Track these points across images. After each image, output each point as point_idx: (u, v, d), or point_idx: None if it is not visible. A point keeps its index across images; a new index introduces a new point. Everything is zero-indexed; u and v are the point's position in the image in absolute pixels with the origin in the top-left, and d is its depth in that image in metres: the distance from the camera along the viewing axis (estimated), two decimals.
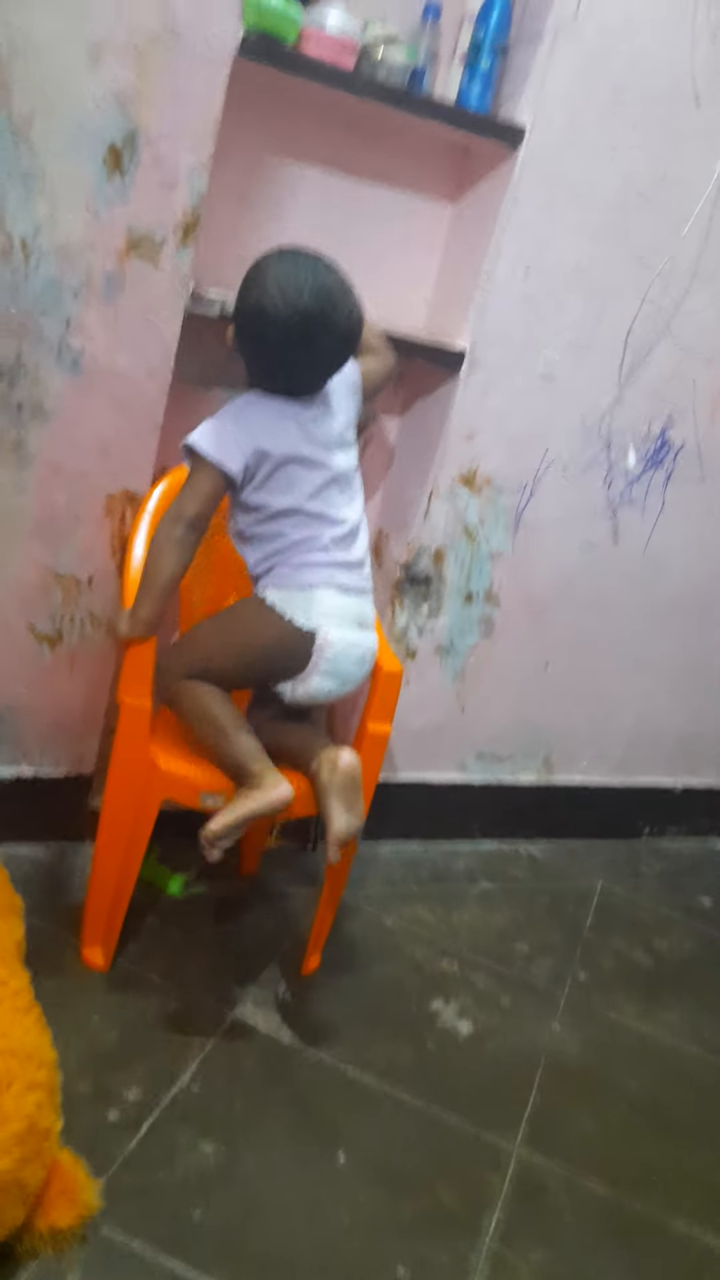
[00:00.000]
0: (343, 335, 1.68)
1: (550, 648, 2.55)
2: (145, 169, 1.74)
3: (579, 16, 1.95)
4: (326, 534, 1.75)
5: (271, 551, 1.75)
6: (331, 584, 1.75)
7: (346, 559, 1.77)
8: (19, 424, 1.83)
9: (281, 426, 1.72)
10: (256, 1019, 1.88)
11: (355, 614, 1.78)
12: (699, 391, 2.41)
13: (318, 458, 1.74)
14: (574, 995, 2.19)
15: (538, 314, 2.17)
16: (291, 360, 1.69)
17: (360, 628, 1.78)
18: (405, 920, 2.28)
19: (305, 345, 1.65)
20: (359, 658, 1.79)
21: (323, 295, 1.63)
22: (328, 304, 1.63)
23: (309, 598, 1.74)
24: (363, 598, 1.80)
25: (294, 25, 1.77)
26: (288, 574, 1.75)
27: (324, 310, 1.63)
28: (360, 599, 1.80)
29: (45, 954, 1.83)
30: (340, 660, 1.76)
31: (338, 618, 1.75)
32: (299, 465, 1.72)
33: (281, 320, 1.62)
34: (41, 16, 1.60)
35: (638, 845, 2.89)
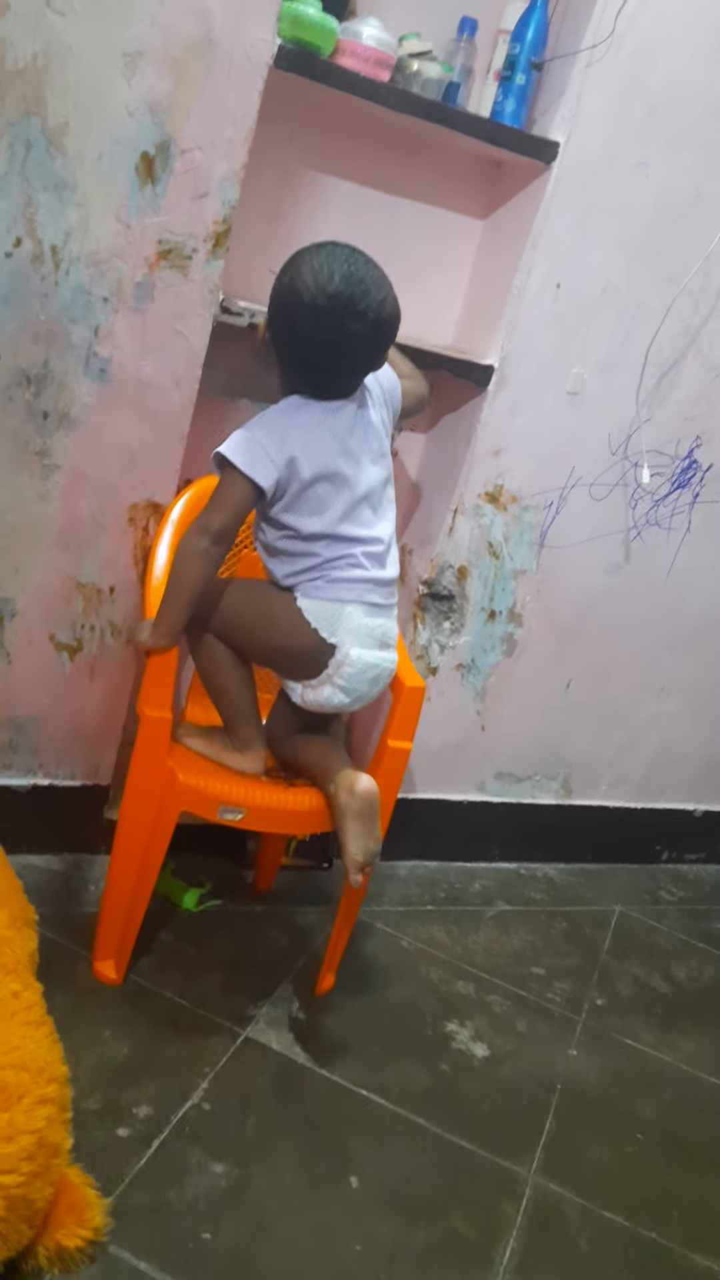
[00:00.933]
0: (373, 323, 1.61)
1: (572, 668, 2.52)
2: (178, 178, 1.74)
3: (615, 35, 1.94)
4: (359, 551, 1.73)
5: (304, 568, 1.73)
6: (362, 602, 1.73)
7: (379, 576, 1.75)
8: (44, 432, 1.83)
9: (316, 437, 1.67)
10: (270, 1038, 1.86)
11: (380, 634, 1.76)
12: None
13: (350, 473, 1.70)
14: (591, 1021, 2.16)
15: (567, 331, 2.16)
16: (321, 349, 1.63)
17: (381, 647, 1.76)
18: (421, 941, 2.25)
19: (335, 330, 1.60)
20: (374, 677, 1.77)
21: (353, 281, 1.59)
22: (358, 289, 1.59)
23: (338, 613, 1.71)
24: (388, 616, 1.79)
25: (330, 37, 1.77)
26: (322, 587, 1.72)
27: (354, 295, 1.58)
28: (386, 618, 1.78)
29: (58, 967, 1.81)
30: (356, 679, 1.75)
31: (362, 636, 1.73)
32: (329, 484, 1.69)
33: (311, 303, 1.58)
34: (78, 25, 1.60)
35: (656, 870, 2.86)
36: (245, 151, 1.76)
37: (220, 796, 1.74)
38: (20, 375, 1.77)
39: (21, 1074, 1.34)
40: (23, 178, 1.65)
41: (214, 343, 1.87)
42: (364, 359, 1.68)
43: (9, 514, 1.86)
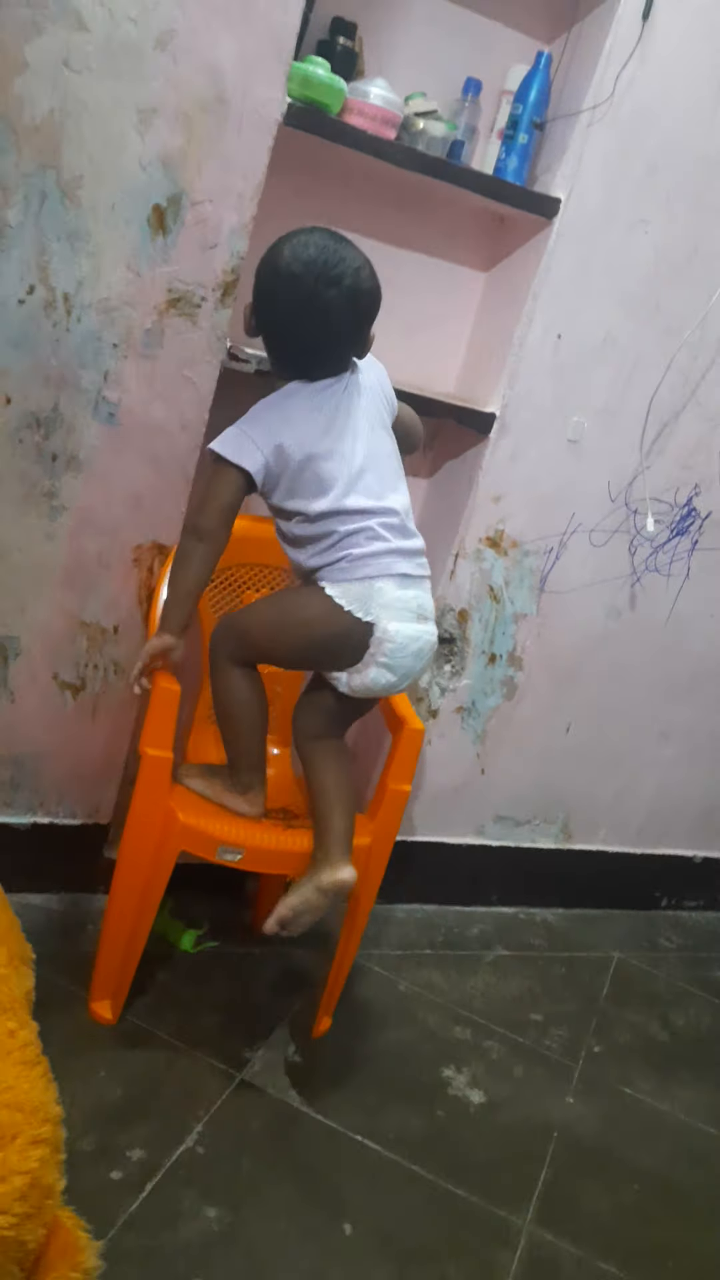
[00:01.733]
0: (350, 289, 1.62)
1: (572, 712, 2.54)
2: (188, 230, 1.78)
3: (615, 97, 1.99)
4: (375, 523, 1.71)
5: (324, 548, 1.72)
6: (390, 574, 1.71)
7: (403, 546, 1.73)
8: (52, 474, 1.86)
9: (304, 419, 1.68)
10: (265, 1081, 1.85)
11: (415, 606, 1.73)
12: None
13: (344, 449, 1.69)
14: (588, 1068, 2.15)
15: (567, 381, 2.19)
16: (301, 319, 1.64)
17: (419, 619, 1.74)
18: (418, 985, 2.25)
19: (312, 297, 1.61)
20: (418, 651, 1.74)
21: (327, 250, 1.60)
22: (333, 257, 1.60)
23: (368, 589, 1.70)
24: (421, 587, 1.76)
25: (338, 96, 1.82)
26: (345, 568, 1.71)
27: (328, 262, 1.60)
28: (419, 588, 1.75)
29: (54, 1006, 1.81)
30: (398, 654, 1.72)
31: (397, 610, 1.71)
32: (326, 461, 1.69)
33: (287, 272, 1.60)
34: (94, 83, 1.65)
35: (656, 916, 2.85)
36: (254, 204, 1.81)
37: (220, 837, 1.75)
38: (30, 418, 1.81)
39: (15, 1114, 1.34)
40: (37, 227, 1.70)
41: (221, 388, 1.91)
42: (345, 330, 1.67)
43: (16, 553, 1.89)
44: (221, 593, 2.07)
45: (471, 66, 2.07)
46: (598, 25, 1.99)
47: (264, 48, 1.72)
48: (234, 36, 1.70)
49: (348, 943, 1.93)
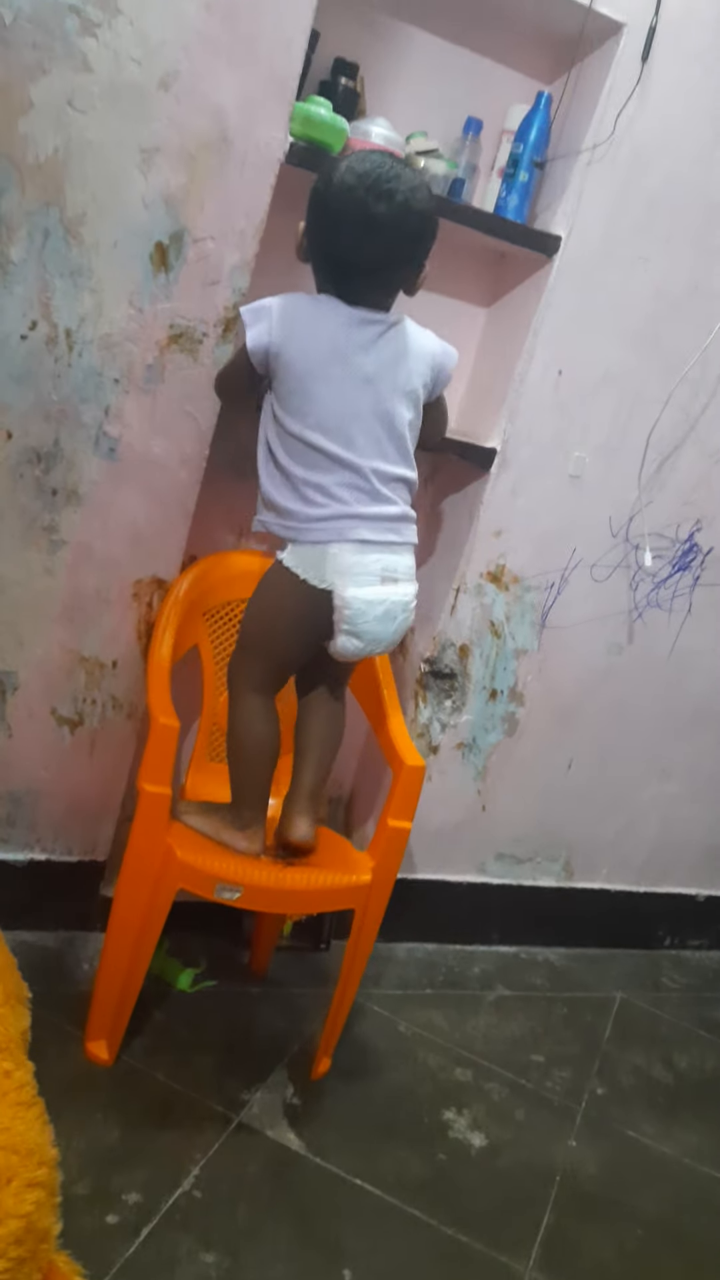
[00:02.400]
0: (401, 205, 1.58)
1: (574, 749, 2.52)
2: (190, 266, 1.79)
3: (615, 137, 2.01)
4: (335, 480, 1.68)
5: (282, 481, 1.70)
6: (345, 539, 1.69)
7: (366, 511, 1.69)
8: (52, 508, 1.86)
9: (324, 332, 1.65)
10: (263, 1123, 1.82)
11: (378, 569, 1.71)
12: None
13: (344, 388, 1.66)
14: (591, 1110, 2.11)
15: (568, 416, 2.20)
16: (348, 230, 1.60)
17: (384, 582, 1.71)
18: (419, 1025, 2.22)
19: (361, 207, 1.57)
20: (383, 614, 1.72)
21: (384, 165, 1.58)
22: (388, 172, 1.58)
23: (321, 554, 1.69)
24: (389, 550, 1.72)
25: (340, 135, 1.83)
26: (297, 529, 1.70)
27: (382, 175, 1.57)
28: (385, 552, 1.72)
29: (50, 1046, 1.78)
30: (360, 620, 1.71)
31: (355, 574, 1.69)
32: (319, 384, 1.65)
33: (340, 181, 1.59)
34: (98, 122, 1.66)
35: (658, 955, 2.82)
36: (256, 242, 1.82)
37: (218, 875, 1.73)
38: (31, 453, 1.81)
39: (11, 1156, 1.32)
40: (40, 264, 1.70)
41: (221, 422, 1.91)
42: (390, 248, 1.63)
43: (15, 588, 1.88)
44: (222, 627, 2.07)
45: (472, 106, 2.09)
46: (598, 66, 2.01)
47: (267, 88, 1.74)
48: (237, 77, 1.71)
49: (347, 982, 1.91)
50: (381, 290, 1.69)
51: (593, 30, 1.96)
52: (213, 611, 2.05)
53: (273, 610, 1.76)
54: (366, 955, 1.91)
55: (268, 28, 1.71)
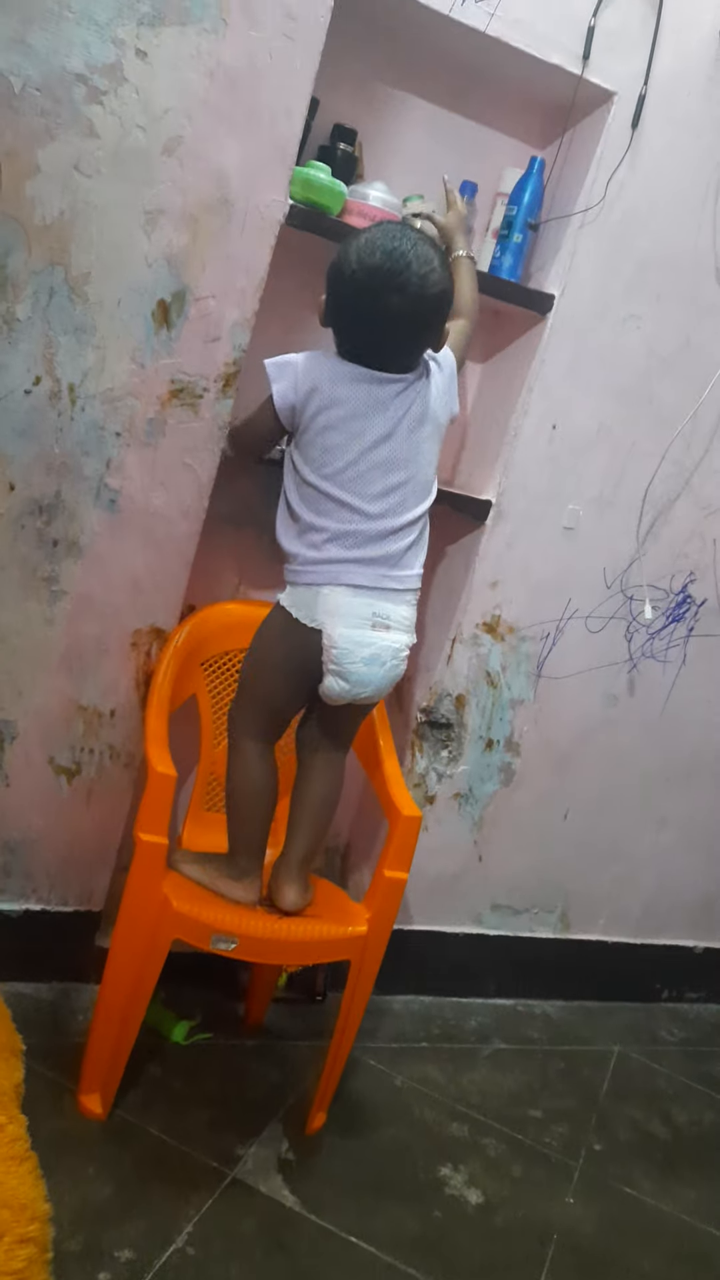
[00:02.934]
0: (415, 298, 1.63)
1: (570, 799, 2.53)
2: (192, 324, 1.83)
3: (606, 200, 2.06)
4: (341, 526, 1.72)
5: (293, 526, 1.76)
6: (339, 583, 1.72)
7: (365, 555, 1.72)
8: (53, 559, 1.88)
9: (346, 383, 1.69)
10: (257, 1179, 1.80)
11: (369, 613, 1.73)
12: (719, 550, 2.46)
13: (361, 442, 1.70)
14: (588, 1167, 2.09)
15: (562, 469, 2.23)
16: (363, 321, 1.67)
17: (374, 627, 1.73)
18: (415, 1079, 2.20)
19: (373, 301, 1.63)
20: (369, 657, 1.73)
21: (395, 255, 1.61)
22: (399, 264, 1.61)
23: (314, 595, 1.73)
24: (384, 598, 1.74)
25: (339, 198, 1.88)
26: (296, 571, 1.75)
27: (393, 269, 1.61)
28: (379, 598, 1.74)
29: (43, 1099, 1.77)
30: (345, 660, 1.72)
31: (343, 615, 1.71)
32: (341, 438, 1.69)
33: (351, 276, 1.63)
34: (104, 186, 1.71)
35: (656, 1008, 2.80)
36: (256, 300, 1.86)
37: (214, 925, 1.73)
38: (33, 505, 1.83)
39: (2, 1211, 1.31)
40: (45, 321, 1.74)
41: (221, 475, 1.94)
42: (408, 333, 1.68)
43: (15, 638, 1.90)
44: (220, 677, 2.08)
45: (467, 170, 2.14)
46: (589, 133, 2.07)
47: (268, 153, 1.79)
48: (239, 143, 1.76)
49: (343, 1036, 1.90)
50: (404, 360, 1.72)
51: (584, 98, 2.02)
52: (211, 661, 2.07)
53: (266, 649, 1.81)
54: (363, 1007, 1.90)
55: (269, 96, 1.76)
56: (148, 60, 1.68)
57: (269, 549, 2.15)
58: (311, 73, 1.78)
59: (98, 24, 1.64)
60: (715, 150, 2.12)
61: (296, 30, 1.74)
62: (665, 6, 1.98)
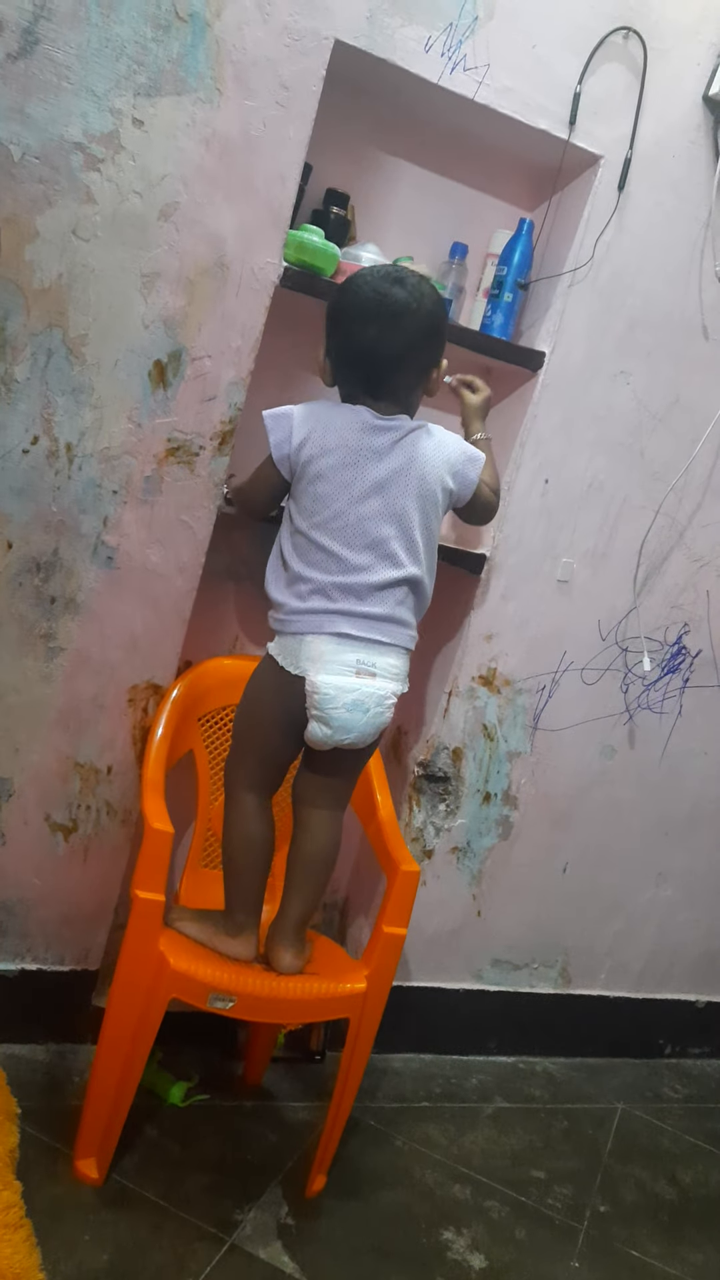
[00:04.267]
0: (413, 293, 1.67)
1: (569, 852, 2.52)
2: (188, 383, 1.85)
3: (595, 260, 2.10)
4: (329, 579, 1.72)
5: (281, 576, 1.77)
6: (323, 631, 1.72)
7: (352, 609, 1.72)
8: (50, 616, 1.88)
9: (335, 437, 1.71)
10: (256, 1245, 1.77)
11: (351, 659, 1.72)
12: (712, 602, 2.47)
13: (351, 491, 1.71)
14: (593, 1229, 2.05)
15: (556, 524, 2.25)
16: (356, 342, 1.69)
17: (358, 674, 1.72)
18: (415, 1140, 2.16)
19: (376, 295, 1.66)
20: (351, 703, 1.72)
21: (388, 278, 1.67)
22: (391, 285, 1.67)
23: (298, 643, 1.73)
24: (370, 648, 1.73)
25: (332, 260, 1.92)
26: (282, 620, 1.75)
27: (391, 272, 1.69)
28: (364, 648, 1.73)
29: (38, 1164, 1.74)
30: (328, 706, 1.71)
31: (326, 663, 1.71)
32: (334, 487, 1.71)
33: (355, 284, 1.69)
34: (101, 250, 1.74)
35: (659, 1065, 2.77)
36: (252, 359, 1.88)
37: (211, 983, 1.71)
38: (30, 562, 1.84)
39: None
40: (43, 382, 1.76)
41: (218, 531, 1.95)
42: (401, 354, 1.70)
43: (11, 695, 1.90)
44: (217, 732, 2.08)
45: (458, 232, 2.19)
46: (577, 195, 2.11)
47: (262, 218, 1.82)
48: (234, 208, 1.80)
49: (342, 1096, 1.87)
50: (403, 387, 1.74)
51: (571, 162, 2.07)
52: (208, 716, 2.07)
53: (254, 699, 1.81)
54: (362, 1066, 1.88)
55: (263, 162, 1.80)
56: (144, 129, 1.72)
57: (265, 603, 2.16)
58: (304, 140, 1.82)
59: (95, 94, 1.68)
60: (700, 211, 2.17)
61: (290, 99, 1.79)
62: (649, 74, 2.04)
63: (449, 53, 1.89)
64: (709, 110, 2.11)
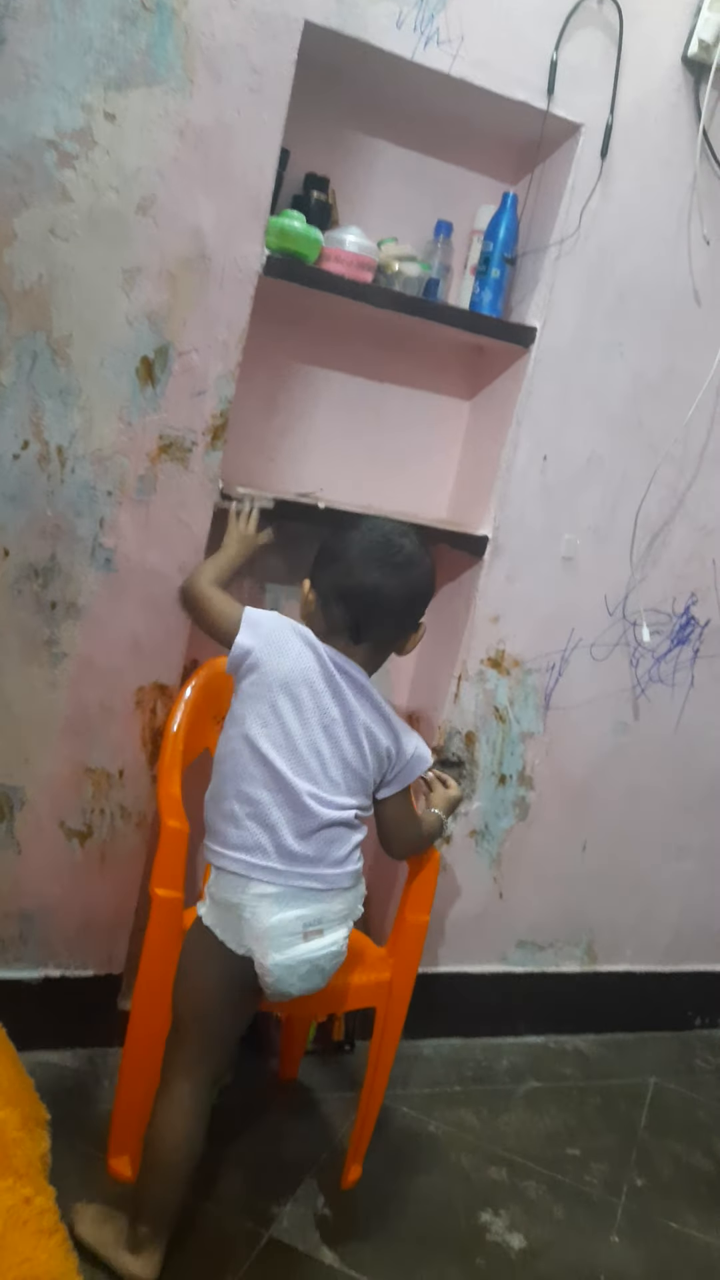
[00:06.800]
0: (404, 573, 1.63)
1: (587, 830, 2.50)
2: (176, 379, 1.83)
3: (581, 230, 2.07)
4: (271, 796, 1.59)
5: (210, 812, 1.65)
6: (262, 896, 1.57)
7: (289, 846, 1.58)
8: (52, 622, 1.87)
9: (305, 654, 1.63)
10: (295, 1237, 1.77)
11: (297, 926, 1.58)
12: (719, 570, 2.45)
13: (314, 715, 1.62)
14: (631, 1204, 2.05)
15: (556, 501, 2.23)
16: (352, 588, 1.62)
17: (305, 937, 1.58)
18: (450, 1124, 2.16)
19: (364, 571, 1.61)
20: (307, 973, 1.59)
21: (394, 534, 1.64)
22: (396, 542, 1.63)
23: (237, 920, 1.59)
24: (312, 900, 1.60)
25: (315, 246, 1.89)
26: (215, 852, 1.62)
27: (390, 541, 1.63)
28: (307, 903, 1.59)
29: (71, 1168, 1.74)
30: (284, 983, 1.58)
31: (271, 939, 1.57)
32: (291, 703, 1.61)
33: (358, 540, 1.64)
34: (80, 249, 1.72)
35: (689, 1037, 2.75)
36: (239, 351, 1.86)
37: None
38: (28, 569, 1.83)
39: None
40: (29, 386, 1.75)
41: (215, 528, 1.94)
42: (392, 609, 1.64)
43: (18, 704, 1.89)
44: None
45: (441, 209, 2.16)
46: (559, 166, 2.09)
47: (241, 207, 1.80)
48: (212, 198, 1.78)
49: (374, 1084, 1.87)
50: (379, 644, 1.68)
51: (552, 132, 2.04)
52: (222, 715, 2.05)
53: (197, 979, 1.65)
54: (392, 1054, 1.87)
55: (239, 150, 1.78)
56: (116, 123, 1.70)
57: (268, 598, 2.15)
58: (280, 124, 1.80)
59: (65, 90, 1.66)
60: (685, 174, 2.14)
61: (262, 84, 1.77)
62: (626, 38, 2.01)
63: (421, 27, 1.86)
64: (689, 71, 2.08)
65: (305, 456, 2.19)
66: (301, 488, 2.17)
